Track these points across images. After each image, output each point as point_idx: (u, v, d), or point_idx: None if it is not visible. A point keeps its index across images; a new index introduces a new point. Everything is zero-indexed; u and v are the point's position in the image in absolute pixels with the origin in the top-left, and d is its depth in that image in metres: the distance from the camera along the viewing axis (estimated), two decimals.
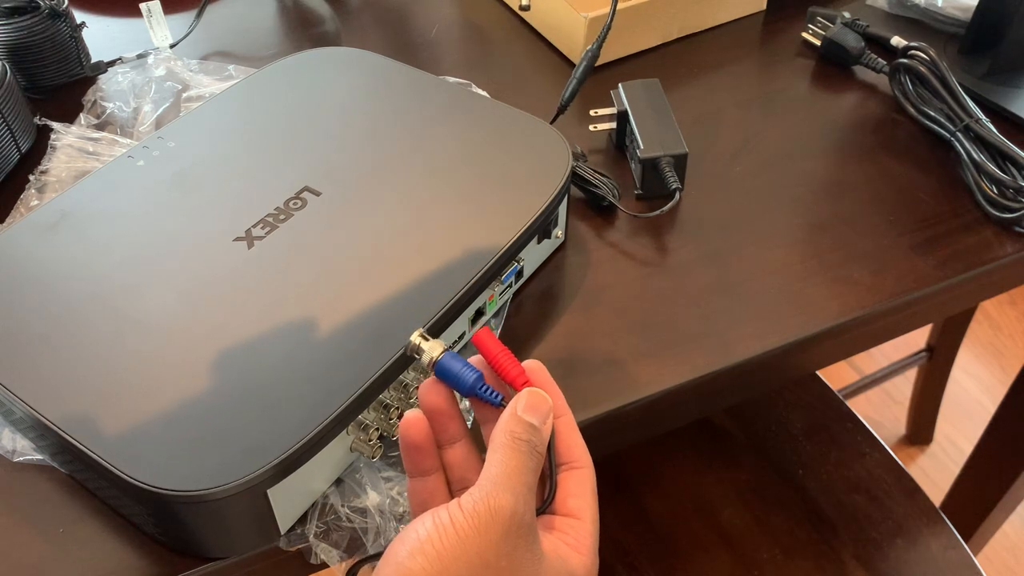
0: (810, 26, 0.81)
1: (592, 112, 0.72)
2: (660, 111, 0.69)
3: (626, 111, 0.69)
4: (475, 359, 0.45)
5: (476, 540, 0.35)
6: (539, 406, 0.41)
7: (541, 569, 0.37)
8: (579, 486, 0.42)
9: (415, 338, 0.47)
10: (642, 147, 0.66)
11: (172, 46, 0.81)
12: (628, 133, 0.69)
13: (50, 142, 0.70)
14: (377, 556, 0.51)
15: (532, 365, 0.44)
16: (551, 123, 0.67)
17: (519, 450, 0.39)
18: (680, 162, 0.67)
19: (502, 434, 0.40)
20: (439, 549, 0.34)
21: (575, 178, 0.67)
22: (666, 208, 0.65)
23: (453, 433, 0.45)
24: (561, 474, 0.42)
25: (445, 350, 0.46)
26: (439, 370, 0.45)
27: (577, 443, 0.43)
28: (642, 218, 0.67)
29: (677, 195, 0.66)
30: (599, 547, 0.42)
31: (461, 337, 0.57)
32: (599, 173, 0.67)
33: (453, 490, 0.46)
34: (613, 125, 0.71)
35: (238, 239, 0.56)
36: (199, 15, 0.83)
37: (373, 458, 0.52)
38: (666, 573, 0.74)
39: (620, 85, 0.71)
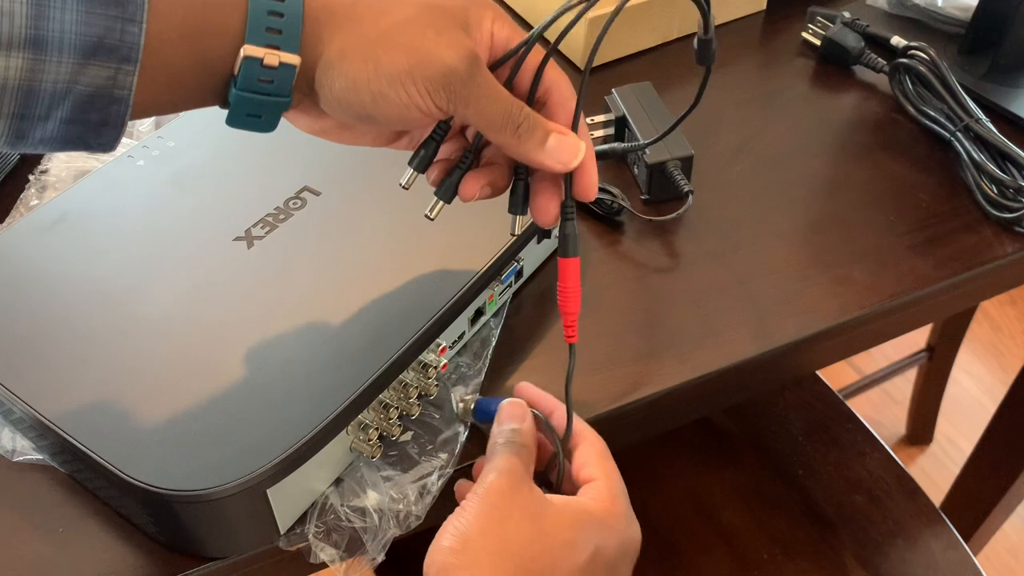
0: (810, 26, 0.81)
1: (589, 120, 0.72)
2: (658, 114, 0.69)
3: (624, 116, 0.69)
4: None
5: (479, 507, 0.44)
6: (514, 413, 0.48)
7: (546, 510, 0.44)
8: (588, 455, 0.48)
9: (458, 404, 0.54)
10: (648, 152, 0.66)
11: None
12: (629, 139, 0.69)
13: None
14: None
15: (519, 388, 0.52)
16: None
17: (501, 449, 0.47)
18: (687, 164, 0.66)
19: (490, 443, 0.48)
20: (456, 525, 0.44)
21: None
22: (682, 211, 0.65)
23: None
24: (571, 453, 0.49)
25: (478, 399, 0.53)
26: (477, 414, 0.53)
27: (575, 423, 0.49)
28: (656, 221, 0.66)
29: (690, 197, 0.65)
30: None
31: (461, 336, 0.57)
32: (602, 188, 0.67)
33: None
34: (611, 131, 0.71)
35: (238, 239, 0.56)
36: None
37: (373, 458, 0.52)
38: (666, 573, 0.74)
39: (613, 91, 0.70)
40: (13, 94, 0.36)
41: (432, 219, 0.48)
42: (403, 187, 0.48)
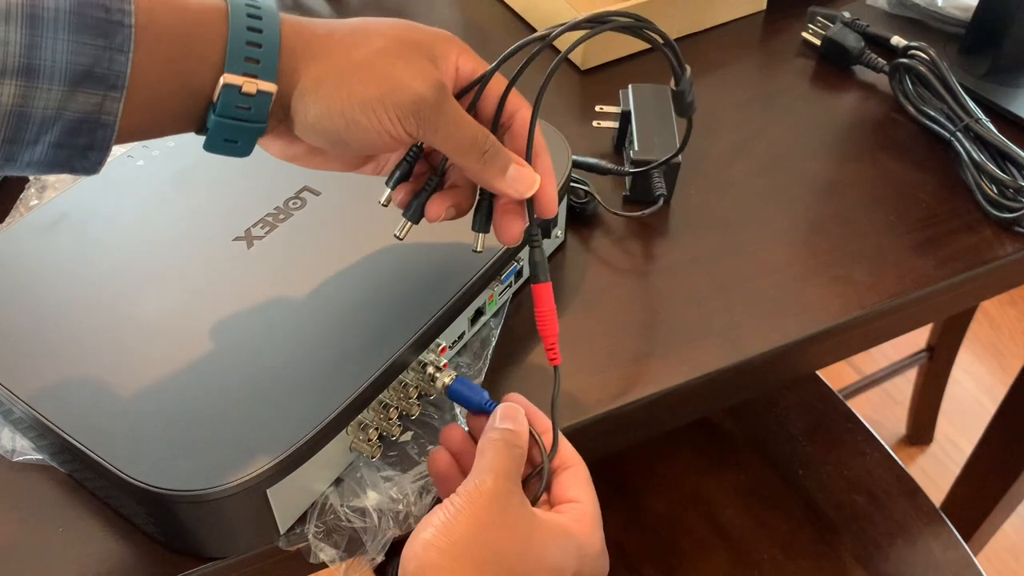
0: (810, 26, 0.81)
1: (597, 108, 0.72)
2: (663, 117, 0.68)
3: (629, 112, 0.69)
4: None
5: (470, 509, 0.43)
6: (510, 414, 0.48)
7: (535, 527, 0.44)
8: (573, 479, 0.48)
9: (430, 369, 0.53)
10: (636, 150, 0.66)
11: None
12: (628, 135, 0.69)
13: None
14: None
15: (512, 398, 0.50)
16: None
17: (496, 446, 0.46)
18: (672, 170, 0.66)
19: (484, 439, 0.47)
20: (444, 520, 0.43)
21: None
22: (647, 212, 0.65)
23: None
24: (556, 476, 0.48)
25: (455, 377, 0.52)
26: (451, 394, 0.52)
27: (564, 447, 0.49)
28: (627, 218, 0.67)
29: (661, 201, 0.66)
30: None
31: (461, 336, 0.57)
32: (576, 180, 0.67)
33: None
34: (615, 124, 0.71)
35: (238, 239, 0.56)
36: None
37: (373, 458, 0.52)
38: (666, 573, 0.74)
39: (630, 86, 0.70)
40: (5, 119, 0.37)
41: (401, 239, 0.50)
42: (382, 204, 0.50)
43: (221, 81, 0.41)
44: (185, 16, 0.41)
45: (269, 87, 0.42)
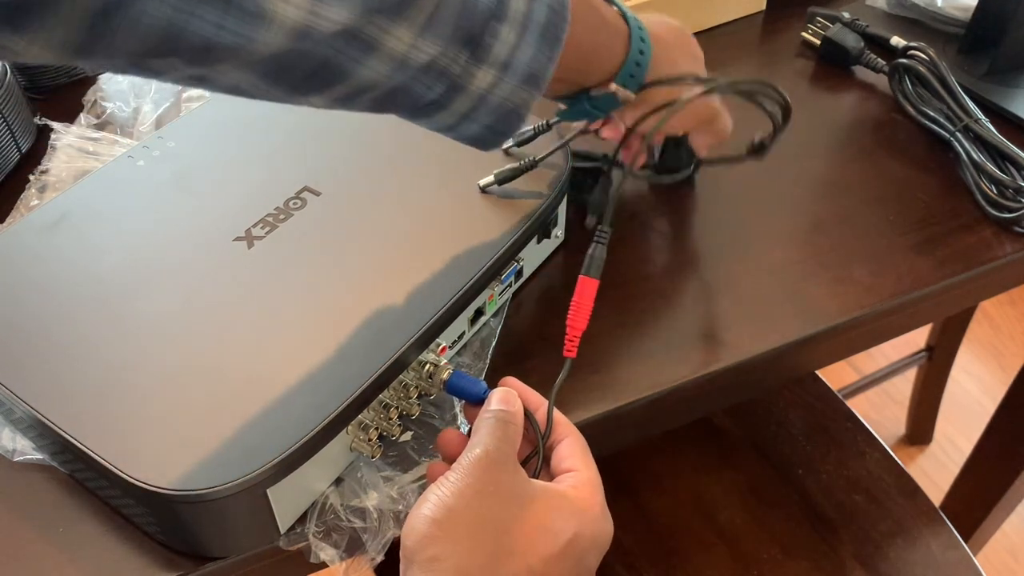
0: (810, 26, 0.81)
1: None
2: None
3: None
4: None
5: (464, 481, 0.44)
6: (505, 397, 0.49)
7: (531, 494, 0.45)
8: (569, 450, 0.49)
9: (428, 366, 0.53)
10: None
11: None
12: None
13: (50, 142, 0.70)
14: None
15: (506, 381, 0.52)
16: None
17: (489, 423, 0.47)
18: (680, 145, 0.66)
19: (479, 419, 0.48)
20: (440, 494, 0.44)
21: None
22: (684, 174, 0.67)
23: None
24: (553, 449, 0.50)
25: (453, 371, 0.52)
26: (450, 387, 0.52)
27: (558, 420, 0.50)
28: (658, 188, 0.67)
29: (693, 168, 0.67)
30: None
31: (461, 336, 0.57)
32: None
33: None
34: None
35: (238, 239, 0.56)
36: None
37: (373, 457, 0.52)
38: (666, 573, 0.74)
39: None
40: (472, 98, 0.44)
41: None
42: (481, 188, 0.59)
43: (611, 87, 0.51)
44: (597, 38, 0.49)
45: (632, 97, 0.52)
